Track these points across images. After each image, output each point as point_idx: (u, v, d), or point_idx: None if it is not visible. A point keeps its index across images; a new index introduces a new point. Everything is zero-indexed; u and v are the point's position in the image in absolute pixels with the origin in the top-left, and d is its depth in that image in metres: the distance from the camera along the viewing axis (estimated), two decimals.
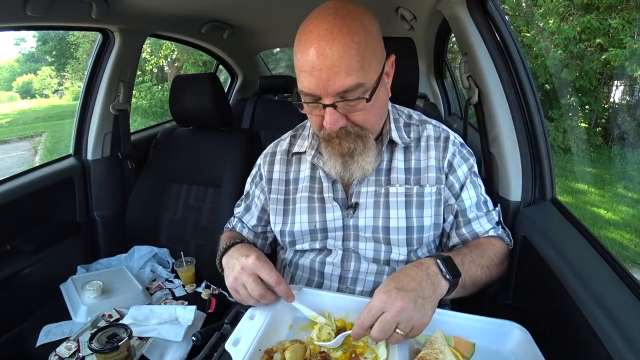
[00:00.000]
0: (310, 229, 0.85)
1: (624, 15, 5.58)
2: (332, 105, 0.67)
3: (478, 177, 0.87)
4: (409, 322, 0.60)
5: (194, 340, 0.73)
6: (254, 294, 0.69)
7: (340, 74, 0.64)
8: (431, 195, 0.81)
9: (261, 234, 0.99)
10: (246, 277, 0.70)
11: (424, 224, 0.81)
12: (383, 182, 0.83)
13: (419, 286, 0.62)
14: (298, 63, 0.68)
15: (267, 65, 2.97)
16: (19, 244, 1.30)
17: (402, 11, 1.57)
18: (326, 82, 0.65)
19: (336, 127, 0.70)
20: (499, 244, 0.84)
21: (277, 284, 0.69)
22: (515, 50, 0.98)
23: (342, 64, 0.64)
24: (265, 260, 0.72)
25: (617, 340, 0.55)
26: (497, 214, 0.87)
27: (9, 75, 14.62)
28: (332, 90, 0.66)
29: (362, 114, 0.71)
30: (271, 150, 0.96)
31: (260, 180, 0.95)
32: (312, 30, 0.65)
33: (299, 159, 0.91)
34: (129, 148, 1.66)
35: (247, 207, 0.99)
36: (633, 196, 5.27)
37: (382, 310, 0.60)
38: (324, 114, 0.70)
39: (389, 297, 0.60)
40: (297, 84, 0.72)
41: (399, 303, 0.59)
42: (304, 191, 0.87)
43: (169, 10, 1.47)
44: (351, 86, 0.66)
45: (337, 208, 0.83)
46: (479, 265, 0.76)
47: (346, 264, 0.84)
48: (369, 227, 0.81)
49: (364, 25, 0.66)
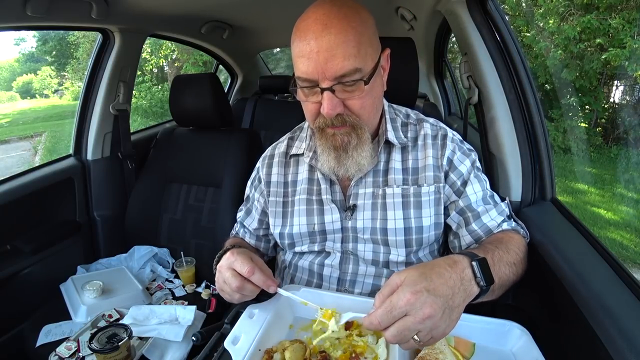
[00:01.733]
0: (309, 231, 0.84)
1: (624, 15, 5.58)
2: (329, 89, 0.67)
3: (481, 172, 0.85)
4: (430, 332, 0.53)
5: (194, 340, 0.73)
6: (232, 286, 0.68)
7: (337, 57, 0.65)
8: (429, 195, 0.80)
9: (263, 237, 0.98)
10: (224, 272, 0.69)
11: (423, 224, 0.79)
12: (380, 184, 0.82)
13: (451, 293, 0.54)
14: (296, 49, 0.68)
15: (267, 65, 2.97)
16: (19, 244, 1.30)
17: (402, 11, 1.57)
18: (324, 65, 0.65)
19: (333, 113, 0.69)
20: (518, 237, 0.77)
21: (249, 274, 0.67)
22: (515, 50, 0.98)
23: (340, 47, 0.64)
24: (241, 253, 0.70)
25: (617, 340, 0.55)
26: (506, 206, 0.83)
27: (9, 75, 14.62)
28: (330, 74, 0.66)
29: (359, 100, 0.70)
30: (269, 153, 0.96)
31: (259, 184, 0.95)
32: (310, 16, 0.67)
33: (296, 161, 0.91)
34: (129, 148, 1.66)
35: (248, 210, 0.98)
36: (633, 196, 5.26)
37: (405, 313, 0.52)
38: (321, 100, 0.69)
39: (418, 300, 0.51)
40: (294, 73, 0.72)
41: (427, 310, 0.51)
42: (302, 193, 0.86)
43: (169, 10, 1.47)
44: (349, 70, 0.66)
45: (335, 210, 0.83)
46: (507, 263, 0.69)
47: (344, 266, 0.84)
48: (367, 229, 0.81)
49: (359, 14, 0.68)
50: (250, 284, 0.68)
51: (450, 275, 0.56)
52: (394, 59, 0.79)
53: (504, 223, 0.79)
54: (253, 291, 0.69)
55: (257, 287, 0.69)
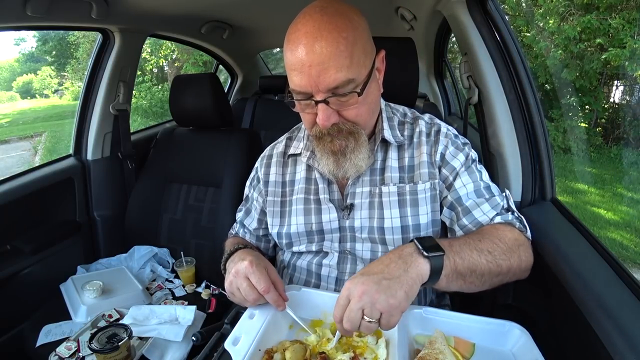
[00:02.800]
0: (307, 230, 0.84)
1: (624, 15, 5.58)
2: (323, 101, 0.68)
3: (477, 164, 0.83)
4: (373, 306, 0.57)
5: (194, 340, 0.73)
6: (249, 298, 0.70)
7: (330, 70, 0.65)
8: (425, 192, 0.79)
9: (263, 237, 0.99)
10: (240, 281, 0.71)
11: (420, 221, 0.79)
12: (377, 182, 0.82)
13: (385, 268, 0.60)
14: (288, 62, 0.68)
15: (267, 65, 2.97)
16: (19, 244, 1.30)
17: (402, 11, 1.57)
18: (317, 79, 0.65)
19: (329, 124, 0.70)
20: (507, 229, 0.74)
21: (265, 292, 0.69)
22: (515, 50, 0.98)
23: (332, 60, 0.64)
24: (259, 265, 0.72)
25: (617, 340, 0.55)
26: (503, 199, 0.79)
27: (9, 75, 14.62)
28: (323, 87, 0.66)
29: (354, 109, 0.71)
30: (267, 153, 0.96)
31: (257, 184, 0.95)
32: (300, 29, 0.66)
33: (294, 160, 0.91)
34: (129, 148, 1.66)
35: (248, 210, 0.99)
36: (633, 196, 5.27)
37: (348, 299, 0.58)
38: (316, 111, 0.70)
39: (352, 284, 0.59)
40: (288, 83, 0.72)
41: (359, 287, 0.57)
42: (300, 193, 0.86)
43: (169, 10, 1.47)
44: (342, 82, 0.66)
45: (332, 209, 0.83)
46: (475, 248, 0.67)
47: (342, 266, 0.84)
48: (365, 228, 0.81)
49: (351, 22, 0.67)
50: (263, 298, 0.71)
51: (387, 256, 0.63)
52: (394, 59, 0.79)
53: (497, 217, 0.76)
54: (263, 302, 0.72)
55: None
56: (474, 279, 0.67)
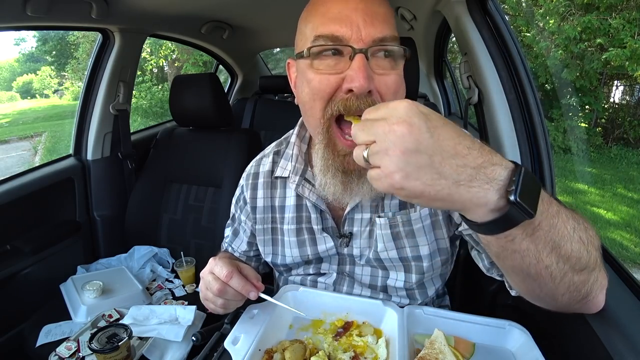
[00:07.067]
0: (304, 260, 0.79)
1: (624, 15, 5.59)
2: (365, 52, 0.54)
3: None
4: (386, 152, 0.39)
5: (194, 340, 0.73)
6: (213, 289, 0.63)
7: (377, 18, 0.54)
8: (422, 221, 0.70)
9: (254, 257, 0.92)
10: (205, 276, 0.66)
11: (421, 253, 0.71)
12: (377, 209, 0.72)
13: (456, 147, 0.40)
14: (320, 10, 0.57)
15: (267, 65, 2.97)
16: (19, 244, 1.30)
17: (402, 11, 1.57)
18: (362, 23, 0.54)
19: (367, 86, 0.54)
20: None
21: (227, 279, 0.63)
22: (515, 50, 0.98)
23: (381, 7, 0.56)
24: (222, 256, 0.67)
25: (617, 340, 0.55)
26: None
27: (9, 75, 14.64)
28: (368, 35, 0.54)
29: (393, 75, 0.57)
30: (253, 171, 0.84)
31: (244, 205, 0.85)
32: None
33: (283, 182, 0.80)
34: (129, 148, 1.66)
35: (235, 231, 0.91)
36: (633, 196, 5.27)
37: (383, 117, 0.40)
38: (345, 71, 0.55)
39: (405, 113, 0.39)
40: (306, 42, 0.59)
41: (404, 128, 0.38)
42: (292, 223, 0.78)
43: (169, 10, 1.47)
44: (389, 35, 0.55)
45: (328, 239, 0.75)
46: (580, 230, 0.47)
47: (339, 287, 0.79)
48: (364, 257, 0.75)
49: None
50: (232, 289, 0.64)
51: (473, 143, 0.41)
52: None
53: None
54: (235, 296, 0.65)
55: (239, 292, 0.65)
56: (552, 259, 0.45)
